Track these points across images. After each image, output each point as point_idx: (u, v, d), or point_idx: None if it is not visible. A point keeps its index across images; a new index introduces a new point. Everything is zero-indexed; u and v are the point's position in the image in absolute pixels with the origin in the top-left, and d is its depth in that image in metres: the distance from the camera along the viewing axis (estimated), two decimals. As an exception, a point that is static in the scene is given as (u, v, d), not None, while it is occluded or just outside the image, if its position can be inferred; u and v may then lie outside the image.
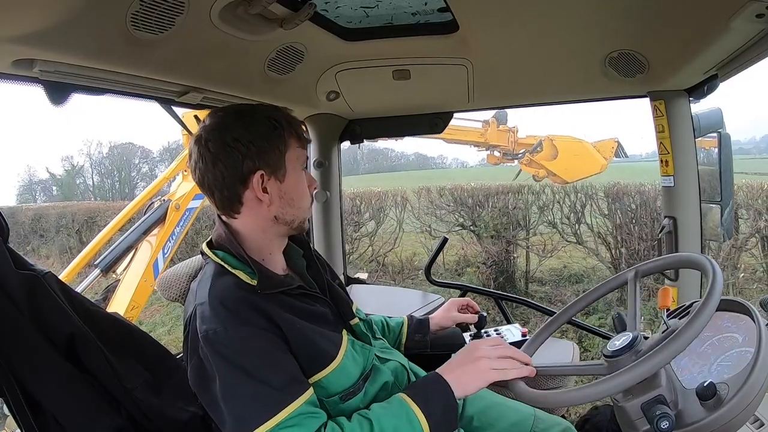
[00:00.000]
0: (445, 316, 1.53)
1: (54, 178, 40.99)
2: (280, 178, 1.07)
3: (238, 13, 1.16)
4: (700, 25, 1.22)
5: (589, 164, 8.63)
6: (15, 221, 10.75)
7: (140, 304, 3.64)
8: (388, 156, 58.85)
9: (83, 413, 0.99)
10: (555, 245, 6.36)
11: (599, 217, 5.94)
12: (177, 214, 3.91)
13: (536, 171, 9.34)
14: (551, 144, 8.98)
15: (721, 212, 1.68)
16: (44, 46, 0.96)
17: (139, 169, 43.40)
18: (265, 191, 1.06)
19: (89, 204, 11.93)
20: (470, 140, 9.41)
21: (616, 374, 0.87)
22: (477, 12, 1.36)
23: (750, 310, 0.98)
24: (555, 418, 1.32)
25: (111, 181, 43.06)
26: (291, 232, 1.15)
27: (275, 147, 1.06)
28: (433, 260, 2.41)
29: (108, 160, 43.29)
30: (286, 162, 1.08)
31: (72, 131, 78.61)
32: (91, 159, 42.75)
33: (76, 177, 41.43)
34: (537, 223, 6.44)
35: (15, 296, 0.94)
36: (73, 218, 9.94)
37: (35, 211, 11.54)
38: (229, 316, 0.96)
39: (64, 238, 9.85)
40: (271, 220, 1.09)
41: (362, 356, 1.13)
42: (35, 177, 43.36)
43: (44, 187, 42.77)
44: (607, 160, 8.76)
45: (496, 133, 9.28)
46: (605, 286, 1.20)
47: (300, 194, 1.12)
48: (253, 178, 1.04)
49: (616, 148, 8.92)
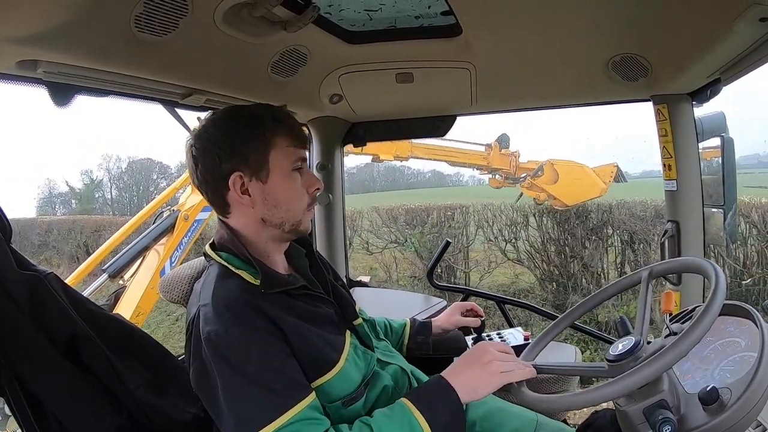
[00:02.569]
0: (448, 320, 1.53)
1: (73, 192, 41.46)
2: (263, 179, 1.05)
3: (241, 16, 1.17)
4: (703, 29, 1.22)
5: (589, 188, 8.67)
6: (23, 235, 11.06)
7: (146, 311, 3.67)
8: (404, 174, 58.66)
9: (84, 413, 0.99)
10: (493, 261, 6.69)
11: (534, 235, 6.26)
12: (185, 225, 3.96)
13: (537, 194, 9.37)
14: (552, 168, 9.01)
15: (724, 216, 1.67)
16: (48, 47, 0.96)
17: (157, 184, 43.35)
18: (247, 193, 1.05)
19: (97, 218, 12.41)
20: (473, 163, 9.45)
21: (619, 378, 0.86)
22: (480, 15, 1.36)
23: (753, 314, 0.97)
24: (558, 424, 1.31)
25: (129, 195, 43.34)
26: (287, 236, 1.12)
27: (255, 147, 1.04)
28: (436, 264, 2.41)
29: (127, 174, 43.74)
30: (270, 162, 1.05)
31: (92, 146, 79.34)
32: (110, 173, 43.28)
33: (95, 191, 41.83)
34: (473, 239, 6.80)
35: (17, 296, 0.94)
36: (82, 231, 10.53)
37: (48, 223, 12.10)
38: (233, 319, 0.95)
39: (73, 249, 10.34)
40: (259, 222, 1.08)
41: (364, 362, 1.12)
42: (55, 190, 43.91)
43: (64, 200, 43.18)
44: (607, 184, 8.81)
45: (499, 156, 9.33)
46: (615, 287, 1.18)
47: (288, 196, 1.08)
48: (230, 180, 1.04)
49: (615, 172, 8.97)
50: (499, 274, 6.70)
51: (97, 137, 69.26)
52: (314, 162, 2.26)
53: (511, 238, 6.37)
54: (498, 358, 1.01)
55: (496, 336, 1.57)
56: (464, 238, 6.72)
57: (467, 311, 1.55)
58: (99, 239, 9.48)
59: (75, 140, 77.58)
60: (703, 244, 1.76)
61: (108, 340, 1.04)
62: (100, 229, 10.08)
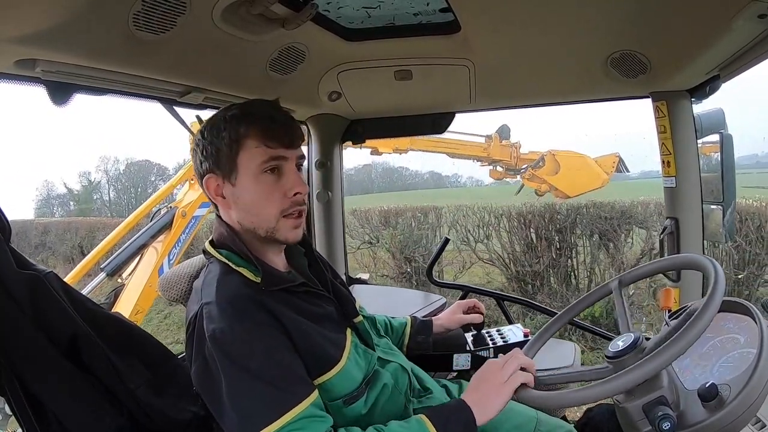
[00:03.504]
0: (451, 319, 1.53)
1: (71, 193, 41.61)
2: (232, 181, 1.03)
3: (240, 14, 1.16)
4: (702, 26, 1.22)
5: (590, 179, 8.62)
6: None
7: (144, 309, 3.67)
8: (402, 175, 58.59)
9: (85, 413, 0.99)
10: (467, 261, 6.70)
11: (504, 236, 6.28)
12: (183, 221, 3.95)
13: (538, 186, 9.34)
14: (553, 159, 8.97)
15: (723, 213, 1.67)
16: (46, 46, 0.96)
17: (155, 186, 43.57)
18: (221, 195, 1.05)
19: (92, 220, 12.62)
20: (473, 154, 9.42)
21: (618, 375, 0.87)
22: (479, 12, 1.36)
23: (752, 311, 0.97)
24: (557, 421, 1.32)
25: (127, 197, 43.52)
26: (268, 243, 1.08)
27: (223, 148, 1.02)
28: (435, 261, 2.41)
29: (125, 176, 44.06)
30: (239, 164, 1.01)
31: (90, 147, 79.15)
32: (108, 175, 43.66)
33: (93, 192, 41.94)
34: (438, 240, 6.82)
35: (17, 296, 0.94)
36: (77, 232, 10.72)
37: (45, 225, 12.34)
38: (236, 315, 0.95)
39: (68, 250, 10.54)
40: (237, 224, 1.07)
41: (365, 360, 1.12)
42: (53, 191, 44.14)
43: (62, 202, 43.38)
44: (609, 175, 8.77)
45: (499, 148, 9.29)
46: (588, 299, 1.21)
47: (255, 200, 1.03)
48: (205, 181, 1.05)
49: (617, 163, 8.92)
50: (471, 274, 6.79)
51: (96, 139, 69.68)
52: (313, 160, 2.26)
53: (482, 238, 6.45)
54: (503, 371, 1.02)
55: (496, 333, 1.57)
56: (436, 239, 6.83)
57: (470, 308, 1.55)
58: (93, 240, 9.64)
59: (73, 141, 77.65)
60: (702, 241, 1.76)
61: (108, 340, 1.04)
62: (94, 231, 10.26)
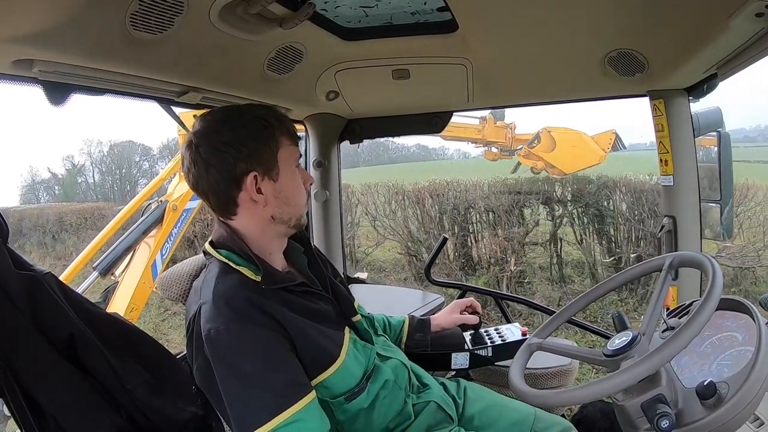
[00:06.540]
0: (448, 318, 1.53)
1: (56, 178, 41.22)
2: (274, 177, 1.08)
3: (237, 13, 1.16)
4: (699, 24, 1.22)
5: (587, 155, 8.58)
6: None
7: (139, 306, 3.63)
8: (389, 149, 58.53)
9: (83, 413, 0.99)
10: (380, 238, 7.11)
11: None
12: (174, 215, 3.88)
13: (534, 163, 9.30)
14: (549, 136, 8.93)
15: (720, 211, 1.68)
16: (43, 46, 0.95)
17: (140, 166, 43.28)
18: (260, 192, 1.06)
19: (57, 206, 13.05)
20: (468, 137, 9.41)
21: (617, 373, 0.87)
22: (476, 11, 1.36)
23: (750, 309, 0.98)
24: (555, 418, 1.33)
25: (112, 179, 43.00)
26: (290, 231, 1.15)
27: (267, 147, 1.06)
28: (433, 260, 2.41)
29: (109, 158, 43.29)
30: (279, 161, 1.08)
31: (73, 131, 78.58)
32: (91, 158, 42.83)
33: (77, 176, 41.55)
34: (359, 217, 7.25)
35: (15, 296, 0.93)
36: (48, 219, 11.11)
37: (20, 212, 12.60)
38: (233, 315, 0.96)
39: (41, 236, 10.98)
40: (268, 221, 1.09)
41: (364, 355, 1.13)
42: (38, 177, 43.56)
43: (47, 187, 42.81)
44: (606, 151, 8.72)
45: (494, 129, 9.27)
46: (630, 273, 1.17)
47: (295, 192, 1.12)
48: (246, 180, 1.04)
49: (614, 140, 8.87)
50: (382, 249, 7.25)
51: (79, 123, 68.74)
52: (311, 159, 2.26)
53: (389, 214, 6.84)
54: None
55: (494, 332, 1.57)
56: (350, 218, 7.11)
57: (467, 308, 1.56)
58: (62, 226, 10.41)
59: (56, 126, 76.82)
60: (700, 239, 1.76)
61: (106, 340, 1.04)
62: (61, 218, 10.69)
